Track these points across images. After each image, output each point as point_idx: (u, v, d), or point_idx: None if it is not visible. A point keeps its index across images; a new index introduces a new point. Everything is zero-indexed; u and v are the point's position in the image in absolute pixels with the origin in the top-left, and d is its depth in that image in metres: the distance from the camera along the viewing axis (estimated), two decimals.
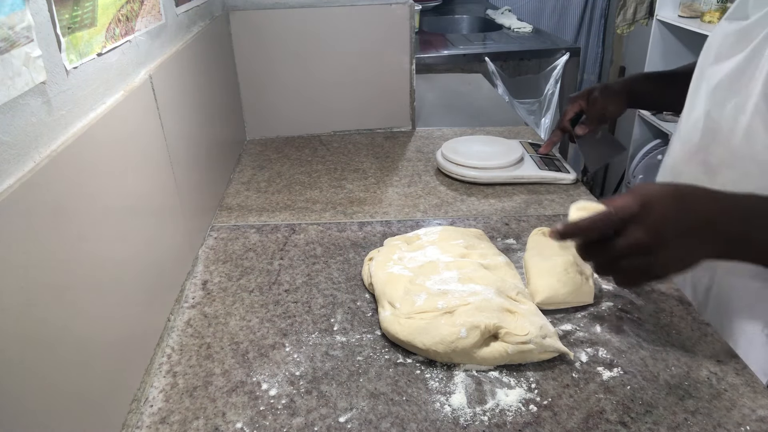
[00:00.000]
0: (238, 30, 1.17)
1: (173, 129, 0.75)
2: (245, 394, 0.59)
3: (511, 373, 0.61)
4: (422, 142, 1.25)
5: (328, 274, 0.79)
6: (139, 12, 0.67)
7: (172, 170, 0.74)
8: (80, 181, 0.50)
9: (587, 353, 0.64)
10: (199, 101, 0.89)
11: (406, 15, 1.20)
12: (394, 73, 1.25)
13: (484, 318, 0.60)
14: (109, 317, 0.54)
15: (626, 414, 0.56)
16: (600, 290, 0.74)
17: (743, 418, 0.55)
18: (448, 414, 0.56)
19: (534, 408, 0.57)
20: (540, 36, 2.42)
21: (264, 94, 1.24)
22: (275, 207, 0.98)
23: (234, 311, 0.72)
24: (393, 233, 0.88)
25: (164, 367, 0.63)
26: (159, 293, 0.69)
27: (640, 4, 2.80)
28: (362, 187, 1.04)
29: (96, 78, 0.56)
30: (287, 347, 0.65)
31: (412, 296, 0.65)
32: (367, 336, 0.67)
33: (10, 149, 0.42)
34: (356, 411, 0.57)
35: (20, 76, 0.42)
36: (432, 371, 0.62)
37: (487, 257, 0.73)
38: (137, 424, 0.56)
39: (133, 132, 0.62)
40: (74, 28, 0.51)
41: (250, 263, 0.82)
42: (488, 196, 1.00)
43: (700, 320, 0.69)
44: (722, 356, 0.63)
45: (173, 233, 0.74)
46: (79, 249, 0.49)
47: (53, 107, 0.48)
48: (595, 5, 3.23)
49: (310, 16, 1.17)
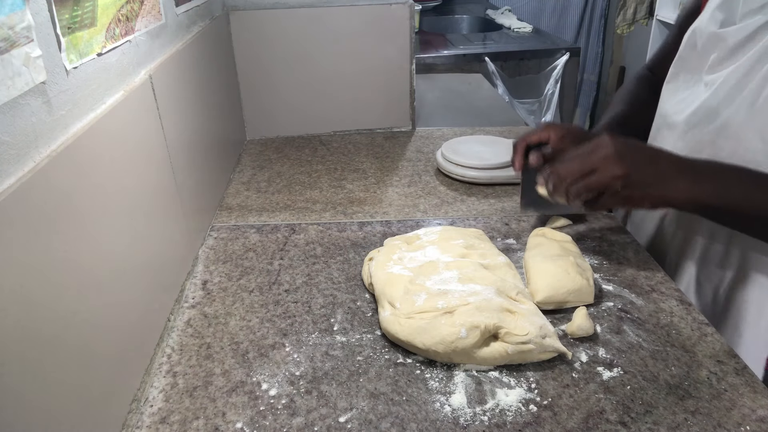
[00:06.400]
0: (238, 30, 1.17)
1: (173, 129, 0.75)
2: (245, 394, 0.59)
3: (511, 373, 0.61)
4: (422, 142, 1.25)
5: (328, 274, 0.79)
6: (139, 12, 0.67)
7: (172, 170, 0.74)
8: (80, 181, 0.50)
9: (587, 353, 0.64)
10: (199, 101, 0.89)
11: (406, 15, 1.20)
12: (394, 73, 1.25)
13: (484, 318, 0.60)
14: (109, 317, 0.54)
15: (626, 414, 0.56)
16: (600, 290, 0.74)
17: (743, 418, 0.55)
18: (448, 414, 0.56)
19: (534, 408, 0.57)
20: (540, 36, 2.42)
21: (264, 94, 1.24)
22: (275, 207, 0.98)
23: (234, 311, 0.72)
24: (393, 233, 0.88)
25: (164, 367, 0.63)
26: (159, 293, 0.69)
27: (640, 4, 2.80)
28: (362, 187, 1.04)
29: (96, 78, 0.56)
30: (287, 347, 0.65)
31: (412, 296, 0.65)
32: (367, 336, 0.67)
33: (10, 149, 0.42)
34: (356, 411, 0.57)
35: (20, 76, 0.42)
36: (432, 371, 0.62)
37: (487, 257, 0.73)
38: (137, 424, 0.56)
39: (133, 132, 0.62)
40: (74, 28, 0.51)
41: (250, 263, 0.82)
42: (488, 196, 1.00)
43: (700, 320, 0.69)
44: (722, 356, 0.63)
45: (173, 233, 0.74)
46: (79, 249, 0.49)
47: (53, 107, 0.48)
48: (595, 5, 3.24)
49: (310, 16, 1.17)
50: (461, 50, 2.14)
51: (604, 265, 0.80)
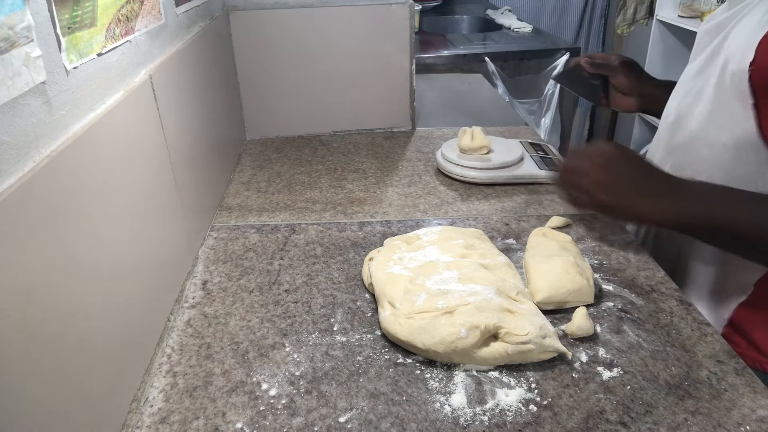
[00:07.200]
0: (238, 30, 1.17)
1: (173, 129, 0.75)
2: (245, 394, 0.59)
3: (511, 373, 0.61)
4: (422, 142, 1.25)
5: (328, 274, 0.79)
6: (139, 12, 0.67)
7: (172, 170, 0.74)
8: (80, 181, 0.50)
9: (587, 353, 0.64)
10: (199, 101, 0.89)
11: (406, 15, 1.20)
12: (394, 73, 1.25)
13: (484, 318, 0.60)
14: (109, 317, 0.54)
15: (626, 414, 0.56)
16: (600, 290, 0.74)
17: (743, 418, 0.55)
18: (448, 414, 0.56)
19: (534, 408, 0.57)
20: (540, 36, 2.42)
21: (264, 94, 1.24)
22: (275, 207, 0.98)
23: (234, 311, 0.72)
24: (393, 233, 0.88)
25: (164, 367, 0.63)
26: (159, 293, 0.69)
27: (640, 4, 2.80)
28: (362, 187, 1.04)
29: (96, 78, 0.56)
30: (287, 347, 0.65)
31: (412, 296, 0.65)
32: (367, 336, 0.67)
33: (10, 149, 0.42)
34: (356, 411, 0.57)
35: (20, 76, 0.42)
36: (432, 371, 0.62)
37: (487, 257, 0.73)
38: (137, 424, 0.56)
39: (133, 132, 0.62)
40: (74, 28, 0.51)
41: (250, 263, 0.82)
42: (488, 196, 1.00)
43: (700, 320, 0.69)
44: (722, 356, 0.63)
45: (173, 233, 0.74)
46: (79, 249, 0.49)
47: (53, 107, 0.48)
48: (595, 5, 3.23)
49: (310, 16, 1.17)
50: (461, 50, 2.14)
51: (604, 265, 0.80)
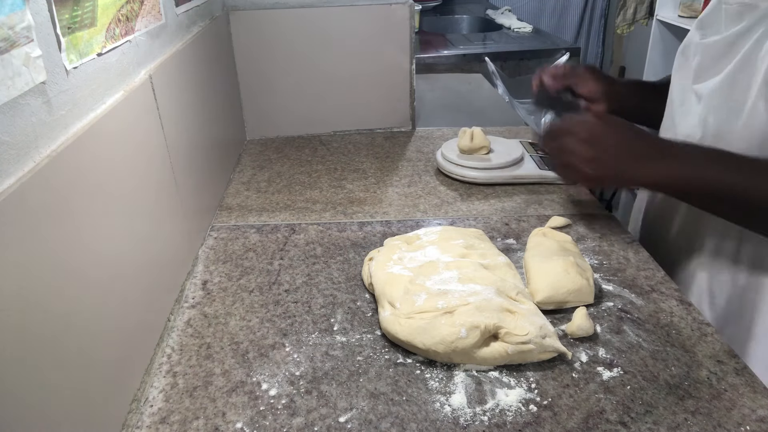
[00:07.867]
0: (238, 30, 1.17)
1: (173, 129, 0.75)
2: (245, 394, 0.59)
3: (511, 373, 0.61)
4: (422, 142, 1.25)
5: (328, 274, 0.79)
6: (139, 12, 0.67)
7: (172, 170, 0.74)
8: (80, 181, 0.50)
9: (587, 353, 0.64)
10: (199, 101, 0.89)
11: (406, 15, 1.20)
12: (394, 73, 1.25)
13: (484, 318, 0.60)
14: (109, 317, 0.54)
15: (626, 414, 0.56)
16: (600, 290, 0.74)
17: (743, 418, 0.55)
18: (448, 414, 0.56)
19: (534, 408, 0.57)
20: (540, 36, 2.42)
21: (264, 94, 1.24)
22: (275, 207, 0.98)
23: (234, 311, 0.72)
24: (393, 233, 0.88)
25: (164, 367, 0.63)
26: (159, 293, 0.69)
27: (640, 4, 2.80)
28: (362, 187, 1.04)
29: (96, 78, 0.56)
30: (287, 347, 0.65)
31: (412, 296, 0.65)
32: (367, 336, 0.67)
33: (10, 149, 0.42)
34: (356, 411, 0.57)
35: (20, 76, 0.42)
36: (432, 371, 0.62)
37: (487, 257, 0.73)
38: (137, 424, 0.56)
39: (133, 132, 0.62)
40: (74, 28, 0.51)
41: (250, 263, 0.82)
42: (488, 196, 1.00)
43: (700, 320, 0.69)
44: (722, 356, 0.63)
45: (173, 233, 0.74)
46: (79, 249, 0.49)
47: (53, 107, 0.48)
48: (595, 5, 3.24)
49: (310, 16, 1.17)
50: (461, 50, 2.14)
51: (604, 265, 0.80)
